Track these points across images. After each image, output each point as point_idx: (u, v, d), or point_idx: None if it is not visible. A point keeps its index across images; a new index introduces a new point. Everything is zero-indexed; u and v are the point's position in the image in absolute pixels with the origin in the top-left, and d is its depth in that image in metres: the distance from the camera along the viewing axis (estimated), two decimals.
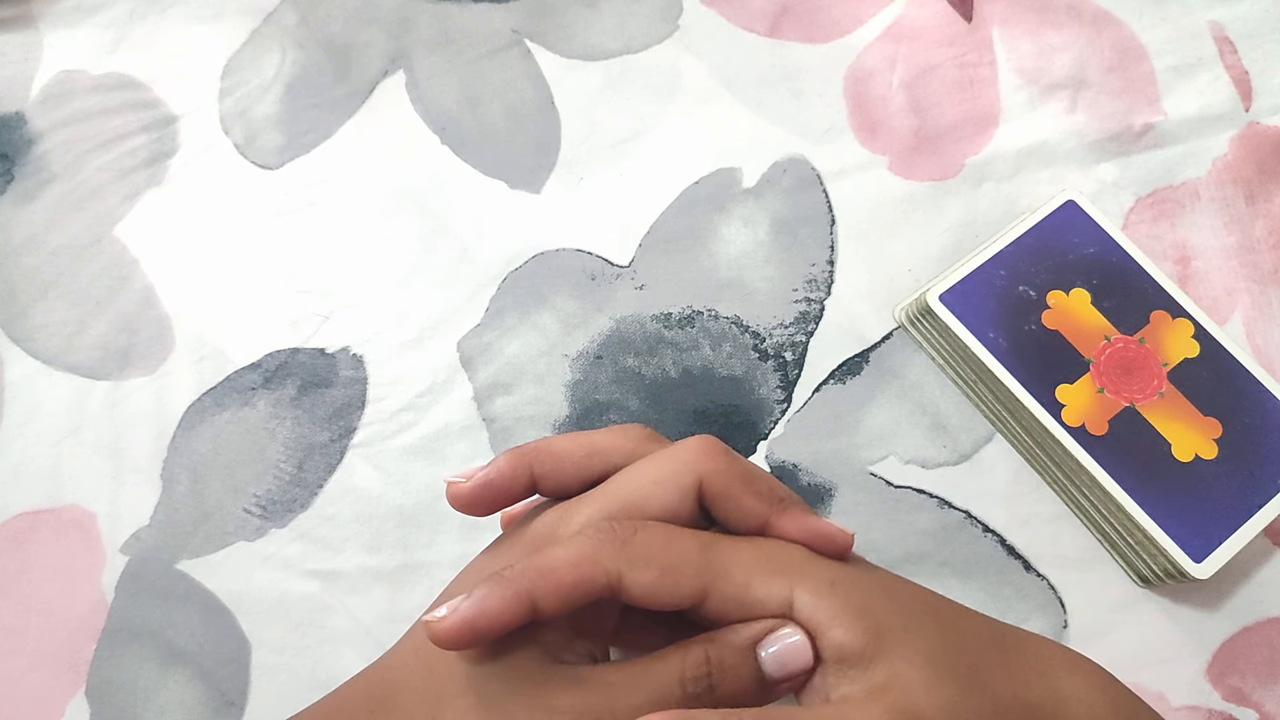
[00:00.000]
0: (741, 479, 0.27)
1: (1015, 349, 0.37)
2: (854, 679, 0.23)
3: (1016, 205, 0.42)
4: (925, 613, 0.25)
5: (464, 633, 0.23)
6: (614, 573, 0.24)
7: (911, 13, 0.45)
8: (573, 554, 0.24)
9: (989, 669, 0.24)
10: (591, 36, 0.45)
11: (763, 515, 0.26)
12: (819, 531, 0.26)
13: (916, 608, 0.25)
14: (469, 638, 0.23)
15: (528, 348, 0.40)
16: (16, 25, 0.46)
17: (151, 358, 0.41)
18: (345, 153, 0.44)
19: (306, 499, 0.38)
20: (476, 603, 0.23)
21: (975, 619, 0.26)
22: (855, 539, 0.27)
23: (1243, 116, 0.43)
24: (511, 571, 0.24)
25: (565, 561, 0.24)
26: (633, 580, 0.24)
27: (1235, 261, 0.41)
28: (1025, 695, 0.24)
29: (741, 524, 0.26)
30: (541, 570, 0.24)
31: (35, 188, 0.43)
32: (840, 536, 0.27)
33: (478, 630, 0.23)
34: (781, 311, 0.41)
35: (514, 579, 0.24)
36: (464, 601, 0.24)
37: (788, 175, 0.43)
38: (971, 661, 0.24)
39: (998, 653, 0.25)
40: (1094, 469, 0.35)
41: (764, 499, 0.27)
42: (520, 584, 0.24)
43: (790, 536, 0.26)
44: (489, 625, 0.23)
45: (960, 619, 0.26)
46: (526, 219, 0.42)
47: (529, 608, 0.24)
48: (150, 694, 0.36)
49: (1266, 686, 0.36)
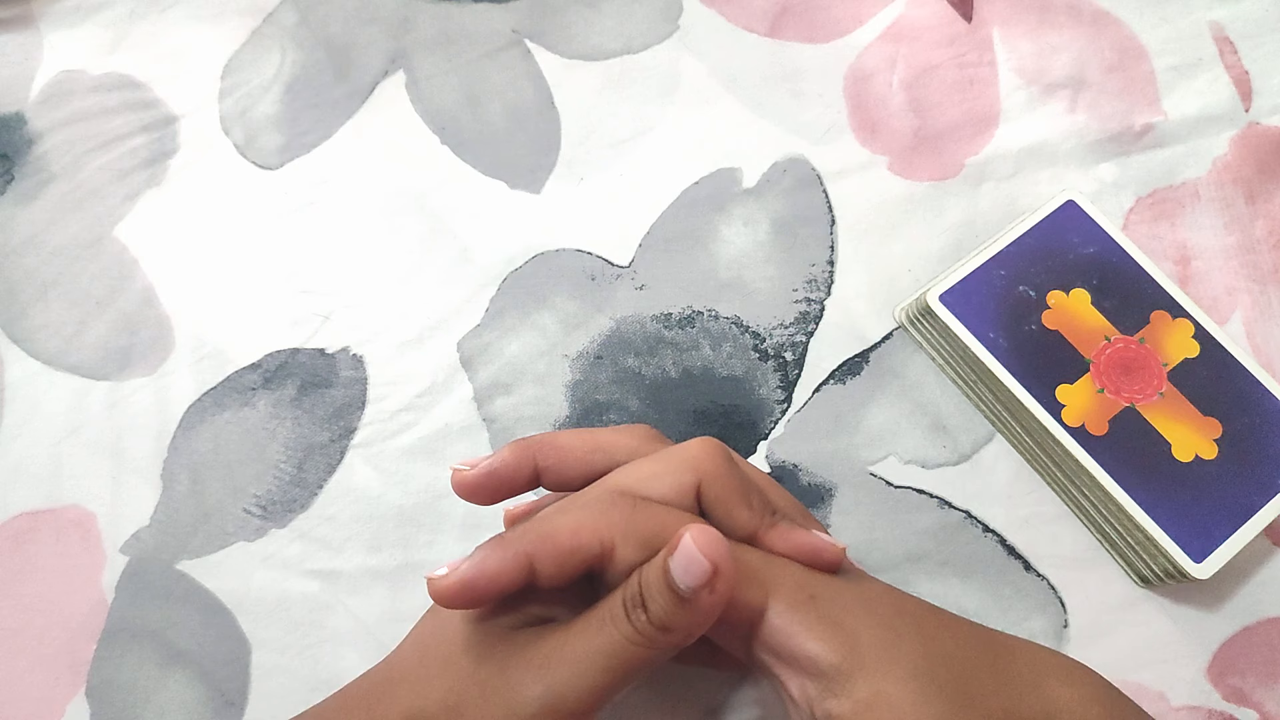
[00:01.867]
0: (738, 489, 0.27)
1: (1015, 349, 0.37)
2: (839, 695, 0.23)
3: (1016, 205, 0.42)
4: (912, 626, 0.25)
5: (463, 592, 0.23)
6: (608, 543, 0.24)
7: (911, 13, 0.45)
8: (571, 520, 0.25)
9: (980, 682, 0.24)
10: (591, 36, 0.45)
11: (752, 528, 0.27)
12: (807, 546, 0.27)
13: (903, 621, 0.25)
14: (468, 597, 0.24)
15: (528, 348, 0.40)
16: (16, 25, 0.46)
17: (151, 358, 0.41)
18: (345, 153, 0.44)
19: (306, 499, 0.38)
20: (477, 563, 0.24)
21: (966, 630, 0.26)
22: (848, 549, 0.27)
23: (1243, 116, 0.43)
24: (512, 533, 0.24)
25: (565, 527, 0.24)
26: (621, 555, 0.24)
27: (1235, 261, 0.41)
28: (1018, 709, 0.24)
29: (732, 533, 0.27)
30: (542, 535, 0.24)
31: (35, 188, 0.43)
32: (829, 551, 0.27)
33: (477, 590, 0.24)
34: (781, 311, 0.41)
35: (513, 541, 0.24)
36: (465, 561, 0.24)
37: (788, 175, 0.43)
38: (961, 675, 0.24)
39: (989, 665, 0.25)
40: (1094, 469, 0.35)
41: (756, 511, 0.27)
42: (520, 545, 0.24)
43: (777, 551, 0.27)
44: (488, 585, 0.24)
45: (950, 631, 0.26)
46: (526, 219, 0.42)
47: (527, 570, 0.24)
48: (150, 694, 0.36)
49: (1267, 686, 0.36)
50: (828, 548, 0.27)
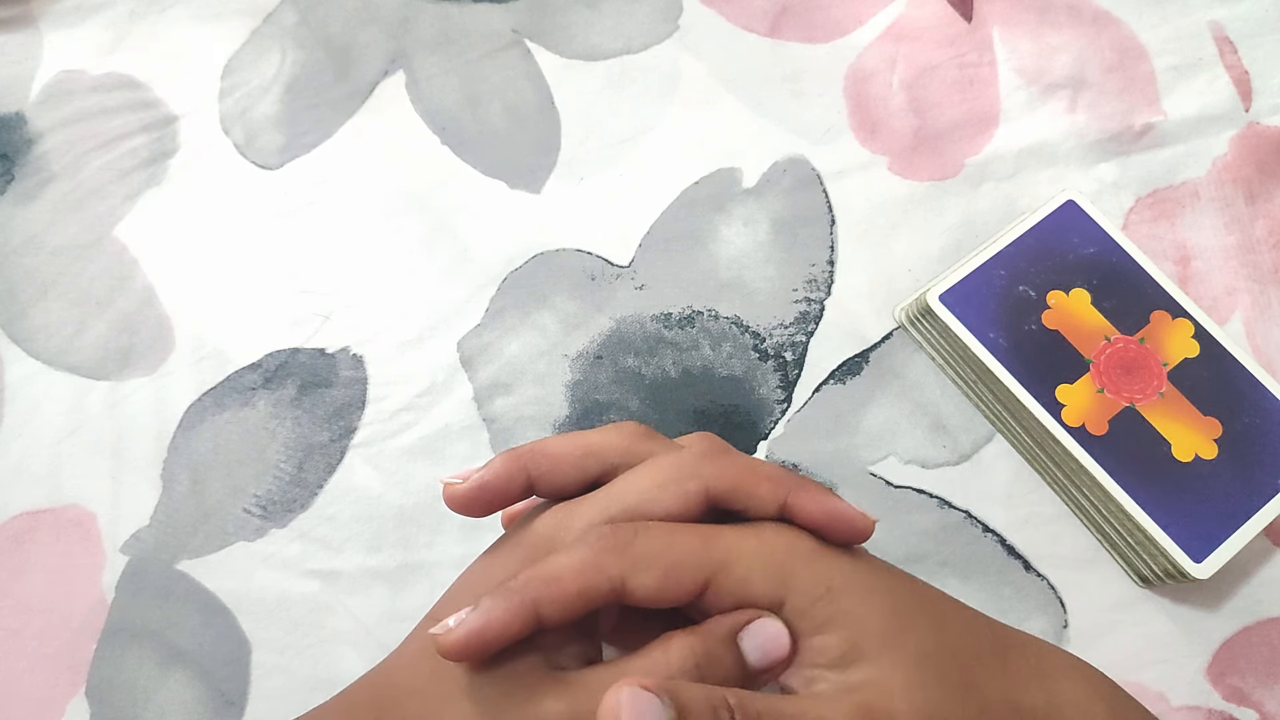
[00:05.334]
0: (748, 472, 0.26)
1: (1015, 349, 0.37)
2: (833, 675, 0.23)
3: (1016, 205, 0.42)
4: (923, 614, 0.25)
5: (471, 644, 0.23)
6: (617, 578, 0.24)
7: (911, 13, 0.45)
8: (575, 562, 0.24)
9: (984, 671, 0.24)
10: (591, 36, 0.45)
11: (780, 496, 0.26)
12: (839, 514, 0.26)
13: (914, 609, 0.25)
14: (476, 649, 0.23)
15: (528, 348, 0.40)
16: (16, 25, 0.46)
17: (151, 358, 0.41)
18: (345, 153, 0.44)
19: (306, 499, 0.38)
20: (482, 614, 0.24)
21: (976, 620, 0.26)
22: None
23: (1243, 116, 0.43)
24: (515, 582, 0.24)
25: (568, 569, 0.24)
26: (637, 584, 0.24)
27: (1235, 261, 0.41)
28: (1019, 699, 0.24)
29: (760, 511, 0.26)
30: (545, 579, 0.24)
31: (35, 188, 0.43)
32: (861, 521, 0.26)
33: (485, 641, 0.23)
34: (781, 311, 0.41)
35: (518, 589, 0.24)
36: (470, 614, 0.24)
37: (788, 175, 0.43)
38: (966, 663, 0.24)
39: (996, 655, 0.25)
40: (1094, 469, 0.35)
41: (777, 482, 0.26)
42: (524, 594, 0.24)
43: (809, 516, 0.26)
44: (495, 636, 0.23)
45: (960, 620, 0.26)
46: (526, 219, 0.42)
47: (534, 617, 0.24)
48: (150, 694, 0.36)
49: (1267, 686, 0.36)
50: (860, 518, 0.26)
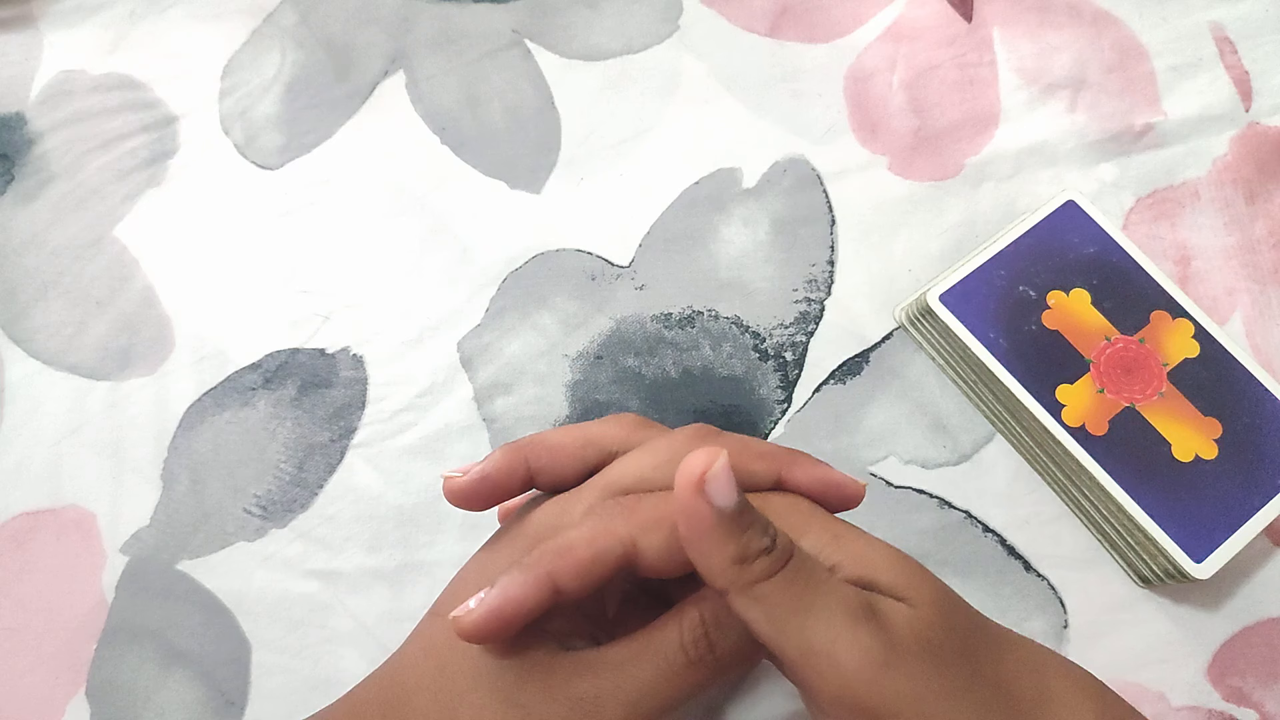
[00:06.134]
0: (742, 448, 0.27)
1: (1015, 349, 0.37)
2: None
3: (1016, 205, 0.42)
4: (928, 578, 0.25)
5: (492, 622, 0.23)
6: (628, 540, 0.24)
7: (911, 13, 0.45)
8: (586, 531, 0.24)
9: (981, 647, 0.24)
10: (591, 36, 0.45)
11: (774, 470, 0.27)
12: (831, 481, 0.27)
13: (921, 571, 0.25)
14: (497, 627, 0.23)
15: (528, 348, 0.40)
16: (16, 25, 0.46)
17: (151, 358, 0.41)
18: (345, 153, 0.44)
19: (307, 499, 0.38)
20: (501, 591, 0.24)
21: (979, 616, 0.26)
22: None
23: (1243, 116, 0.43)
24: (530, 558, 0.24)
25: (581, 539, 0.24)
26: (647, 544, 0.24)
27: (1235, 261, 0.41)
28: (1011, 684, 0.24)
29: (757, 487, 0.27)
30: (559, 551, 0.24)
31: (35, 188, 0.43)
32: (851, 486, 0.27)
33: (505, 618, 0.23)
34: (781, 311, 0.41)
35: (533, 564, 0.24)
36: (489, 593, 0.24)
37: (788, 175, 0.43)
38: (967, 631, 0.24)
39: (992, 639, 0.25)
40: (1094, 469, 0.35)
41: (772, 458, 0.27)
42: (540, 567, 0.24)
43: (802, 485, 0.27)
44: (515, 612, 0.23)
45: (966, 612, 0.26)
46: (526, 219, 0.42)
47: (551, 590, 0.24)
48: (150, 694, 0.36)
49: (1267, 686, 0.36)
50: (851, 483, 0.27)
